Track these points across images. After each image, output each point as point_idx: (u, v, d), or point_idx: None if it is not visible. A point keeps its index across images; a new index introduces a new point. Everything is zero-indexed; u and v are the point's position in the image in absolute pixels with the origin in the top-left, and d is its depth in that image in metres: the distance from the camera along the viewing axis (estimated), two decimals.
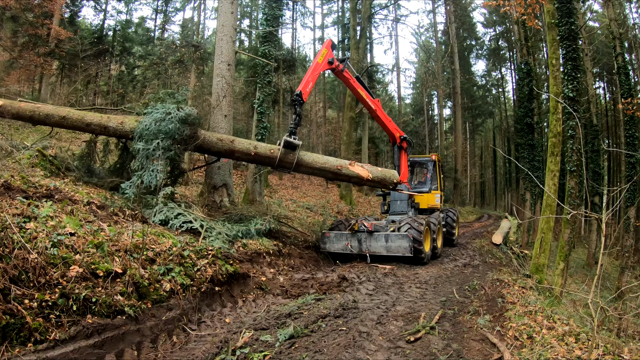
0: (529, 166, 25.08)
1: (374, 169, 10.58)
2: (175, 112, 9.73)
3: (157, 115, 9.66)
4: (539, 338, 5.06)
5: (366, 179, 10.37)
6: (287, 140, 9.96)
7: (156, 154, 9.36)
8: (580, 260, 24.48)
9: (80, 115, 10.69)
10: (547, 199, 10.38)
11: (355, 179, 10.57)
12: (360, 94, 12.81)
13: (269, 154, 10.22)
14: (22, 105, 11.02)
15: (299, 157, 10.16)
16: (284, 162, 10.19)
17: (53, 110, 10.90)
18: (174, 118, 9.59)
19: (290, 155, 10.11)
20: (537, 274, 10.01)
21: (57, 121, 10.76)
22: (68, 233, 5.58)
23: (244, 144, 10.55)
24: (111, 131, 10.42)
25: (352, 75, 12.42)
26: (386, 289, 8.55)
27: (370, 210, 25.66)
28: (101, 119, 10.44)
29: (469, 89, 49.80)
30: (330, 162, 10.59)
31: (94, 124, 10.45)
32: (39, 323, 4.21)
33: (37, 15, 23.12)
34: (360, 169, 10.36)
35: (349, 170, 10.36)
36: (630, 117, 20.86)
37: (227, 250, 8.18)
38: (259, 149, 10.42)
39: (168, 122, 9.51)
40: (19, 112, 10.93)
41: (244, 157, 10.85)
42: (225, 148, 10.50)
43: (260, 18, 30.61)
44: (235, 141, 10.55)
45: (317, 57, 11.21)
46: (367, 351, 4.90)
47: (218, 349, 5.04)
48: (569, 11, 13.13)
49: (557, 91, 11.04)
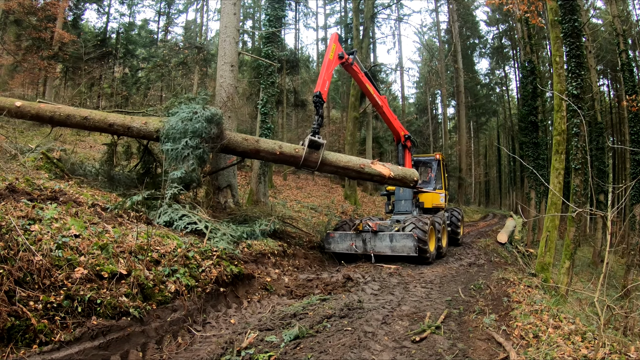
0: (533, 164, 25.03)
1: (395, 167, 10.69)
2: (202, 112, 9.80)
3: (184, 115, 9.73)
4: (545, 337, 5.03)
5: (387, 176, 10.53)
6: (312, 139, 10.11)
7: (185, 152, 9.43)
8: (586, 258, 24.38)
9: (102, 116, 10.67)
10: (552, 197, 10.33)
11: (377, 177, 10.69)
12: (367, 89, 12.93)
13: (293, 154, 10.34)
14: (41, 106, 10.92)
15: (322, 157, 10.30)
16: (309, 162, 10.32)
17: (74, 111, 10.84)
18: (201, 117, 9.66)
19: (314, 155, 10.25)
20: (543, 272, 9.97)
21: (78, 122, 10.69)
22: (73, 235, 5.58)
23: (269, 144, 10.65)
24: (135, 132, 10.39)
25: (360, 70, 12.51)
26: (391, 288, 8.53)
27: (375, 210, 25.64)
28: (124, 120, 10.44)
29: (472, 88, 49.76)
30: (353, 161, 10.74)
31: (117, 125, 10.43)
32: (44, 325, 4.21)
33: (40, 18, 23.26)
34: (382, 167, 10.52)
35: (371, 168, 10.50)
36: (634, 114, 20.78)
37: (231, 251, 8.18)
38: (284, 148, 10.52)
39: (195, 121, 9.58)
40: (39, 113, 10.83)
41: (269, 157, 10.91)
42: (250, 148, 10.58)
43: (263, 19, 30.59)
44: (260, 141, 10.67)
45: (328, 54, 11.30)
46: (372, 351, 4.88)
47: (223, 349, 5.03)
48: (572, 8, 13.08)
49: (561, 89, 11.00)
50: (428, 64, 49.39)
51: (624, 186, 6.34)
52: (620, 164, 34.63)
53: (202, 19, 40.21)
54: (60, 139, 14.84)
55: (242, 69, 31.02)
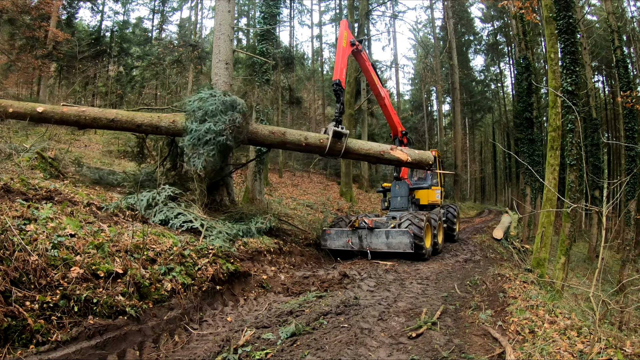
0: (528, 160, 25.07)
1: (412, 152, 10.89)
2: (221, 95, 10.02)
3: (203, 95, 10.01)
4: (540, 332, 5.05)
5: (405, 161, 10.77)
6: (336, 130, 10.29)
7: (207, 137, 9.56)
8: (582, 254, 24.46)
9: (129, 116, 10.66)
10: (547, 193, 10.35)
11: (395, 162, 10.96)
12: (373, 79, 13.40)
13: (318, 144, 10.52)
14: (65, 110, 10.73)
15: (346, 145, 10.46)
16: (333, 150, 10.49)
17: (100, 113, 10.76)
18: (218, 100, 9.89)
19: (338, 144, 10.44)
20: (538, 268, 9.99)
21: (105, 124, 10.67)
22: (68, 234, 5.58)
23: (295, 135, 10.78)
24: (163, 130, 10.50)
25: (367, 58, 12.76)
26: (387, 285, 8.56)
27: (371, 207, 25.66)
28: (152, 119, 10.47)
29: (467, 85, 49.84)
30: (373, 147, 10.94)
31: (145, 125, 10.49)
32: (41, 325, 4.21)
33: (34, 17, 23.11)
34: (400, 153, 10.74)
35: (390, 154, 10.74)
36: (629, 110, 20.88)
37: (227, 249, 8.18)
38: (310, 139, 10.65)
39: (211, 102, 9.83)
40: (63, 118, 10.69)
41: (295, 148, 11.15)
42: (277, 140, 10.77)
43: (257, 16, 30.59)
44: (286, 133, 10.80)
45: (341, 42, 11.58)
46: (369, 347, 4.89)
47: (220, 347, 5.04)
48: (567, 5, 13.11)
49: (556, 85, 11.01)
50: (423, 60, 49.52)
51: (619, 182, 6.37)
52: (615, 160, 34.82)
53: (197, 17, 40.06)
54: (54, 138, 14.77)
55: (237, 66, 30.92)
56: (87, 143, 20.40)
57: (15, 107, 10.87)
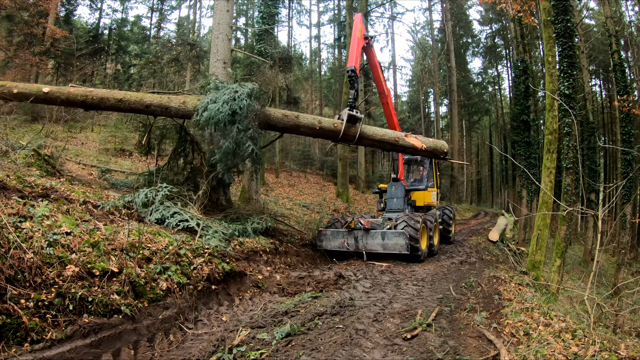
0: (525, 163, 25.17)
1: (427, 140, 10.89)
2: (241, 90, 9.84)
3: (226, 97, 9.68)
4: (535, 335, 5.06)
5: (420, 148, 10.70)
6: (351, 114, 10.21)
7: (239, 136, 9.48)
8: (577, 257, 24.55)
9: (138, 96, 10.52)
10: (544, 196, 10.38)
11: (410, 148, 10.86)
12: (379, 75, 13.58)
13: (332, 128, 10.41)
14: (71, 90, 10.61)
15: (360, 130, 10.40)
16: (347, 136, 10.43)
17: (107, 93, 10.59)
18: (243, 94, 9.69)
19: (352, 129, 10.37)
20: (534, 270, 10.02)
21: (113, 104, 10.50)
22: (64, 232, 5.56)
23: (308, 119, 10.67)
24: (173, 112, 10.31)
25: (375, 55, 12.90)
26: (383, 286, 8.55)
27: (367, 208, 25.67)
28: (162, 100, 10.33)
29: (465, 87, 49.93)
30: (388, 134, 10.89)
31: (154, 105, 10.31)
32: (36, 323, 4.19)
33: (32, 14, 23.07)
34: (414, 140, 10.71)
35: (405, 141, 10.69)
36: (626, 114, 20.99)
37: (223, 248, 8.17)
38: (323, 123, 10.55)
39: (238, 100, 9.58)
40: (69, 98, 10.56)
41: (309, 132, 10.95)
42: (290, 123, 10.59)
43: (256, 16, 30.54)
44: (299, 116, 10.67)
45: (356, 33, 11.60)
46: (363, 348, 4.89)
47: (215, 347, 5.02)
48: (565, 9, 13.17)
49: (553, 88, 11.04)
50: (421, 62, 49.49)
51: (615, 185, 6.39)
52: (612, 164, 34.90)
53: (195, 16, 40.12)
54: (51, 135, 14.72)
55: (235, 66, 30.77)
56: (83, 141, 20.35)
57: (20, 88, 10.80)
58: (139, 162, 19.12)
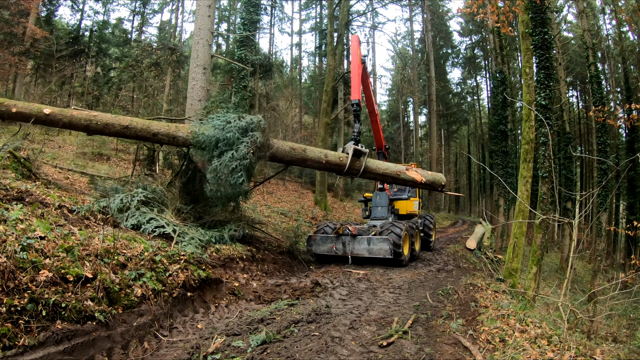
0: (502, 172, 25.43)
1: (426, 173, 11.12)
2: (237, 123, 9.85)
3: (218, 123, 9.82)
4: (511, 341, 5.06)
5: (419, 182, 10.87)
6: (357, 149, 10.42)
7: (232, 164, 9.40)
8: (554, 264, 24.82)
9: (145, 124, 10.24)
10: (520, 205, 10.49)
11: (410, 182, 11.03)
12: (370, 96, 13.98)
13: (338, 162, 10.56)
14: (74, 113, 10.21)
15: (365, 164, 10.58)
16: (352, 169, 10.58)
17: (113, 119, 10.21)
18: (234, 127, 9.74)
19: (357, 163, 10.56)
20: (510, 278, 10.09)
21: (118, 131, 10.16)
22: (38, 237, 5.42)
23: (315, 153, 10.75)
24: (180, 141, 10.08)
25: (368, 76, 13.10)
26: (359, 294, 8.54)
27: (345, 216, 25.69)
28: (169, 129, 10.12)
29: (444, 97, 50.51)
30: (390, 168, 11.05)
31: (161, 134, 10.08)
32: (8, 328, 4.09)
33: (13, 13, 22.59)
34: (415, 173, 10.90)
35: (406, 175, 10.88)
36: (601, 124, 21.41)
37: (199, 255, 8.04)
38: (329, 157, 10.67)
39: (227, 131, 9.66)
40: (72, 122, 10.15)
41: (315, 165, 11.07)
42: (298, 157, 10.61)
43: (238, 22, 30.48)
44: (307, 150, 10.73)
45: (356, 60, 12.01)
46: (339, 356, 4.84)
47: (189, 355, 4.95)
48: (543, 21, 13.38)
49: (530, 99, 11.19)
50: (401, 72, 49.99)
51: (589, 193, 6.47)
52: (588, 173, 35.51)
53: (177, 20, 39.74)
54: (28, 137, 14.40)
55: (215, 71, 30.76)
56: (61, 144, 19.99)
57: (19, 107, 10.36)
58: (117, 166, 18.86)
